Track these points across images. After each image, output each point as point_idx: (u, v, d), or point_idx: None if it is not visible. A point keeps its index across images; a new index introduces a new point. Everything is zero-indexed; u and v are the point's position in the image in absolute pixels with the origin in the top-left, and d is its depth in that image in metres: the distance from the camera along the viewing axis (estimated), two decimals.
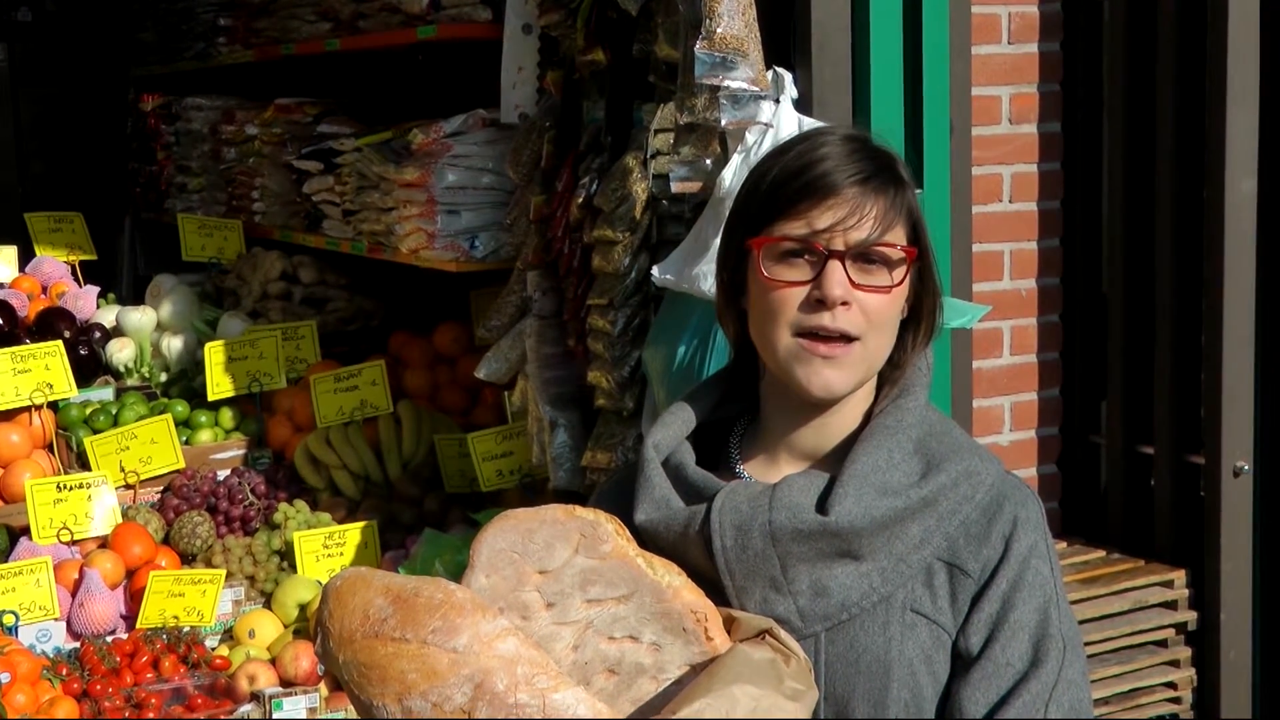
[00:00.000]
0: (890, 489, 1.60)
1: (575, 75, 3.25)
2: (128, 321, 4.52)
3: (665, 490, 1.66)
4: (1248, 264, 3.37)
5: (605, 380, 3.08)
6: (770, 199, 1.64)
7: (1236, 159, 3.32)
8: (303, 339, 4.34)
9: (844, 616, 1.58)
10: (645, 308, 3.05)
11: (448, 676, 1.43)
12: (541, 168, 3.34)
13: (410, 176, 3.85)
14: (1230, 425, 3.38)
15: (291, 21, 4.82)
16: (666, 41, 2.85)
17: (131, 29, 6.65)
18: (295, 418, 4.19)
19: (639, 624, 1.52)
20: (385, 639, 1.47)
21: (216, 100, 5.59)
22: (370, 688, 1.47)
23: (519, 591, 1.54)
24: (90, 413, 4.13)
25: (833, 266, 1.59)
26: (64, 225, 5.12)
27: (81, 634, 3.59)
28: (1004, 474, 1.66)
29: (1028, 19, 3.54)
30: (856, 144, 1.66)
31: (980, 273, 3.47)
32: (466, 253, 3.78)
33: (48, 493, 3.79)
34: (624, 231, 2.99)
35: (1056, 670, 1.58)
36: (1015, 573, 1.60)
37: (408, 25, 4.02)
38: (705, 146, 2.80)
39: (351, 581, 1.52)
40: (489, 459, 3.83)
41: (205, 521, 3.84)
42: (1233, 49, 3.29)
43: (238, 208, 5.20)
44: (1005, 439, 3.61)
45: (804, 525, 1.58)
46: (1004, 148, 3.54)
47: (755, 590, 1.59)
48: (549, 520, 1.55)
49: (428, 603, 1.47)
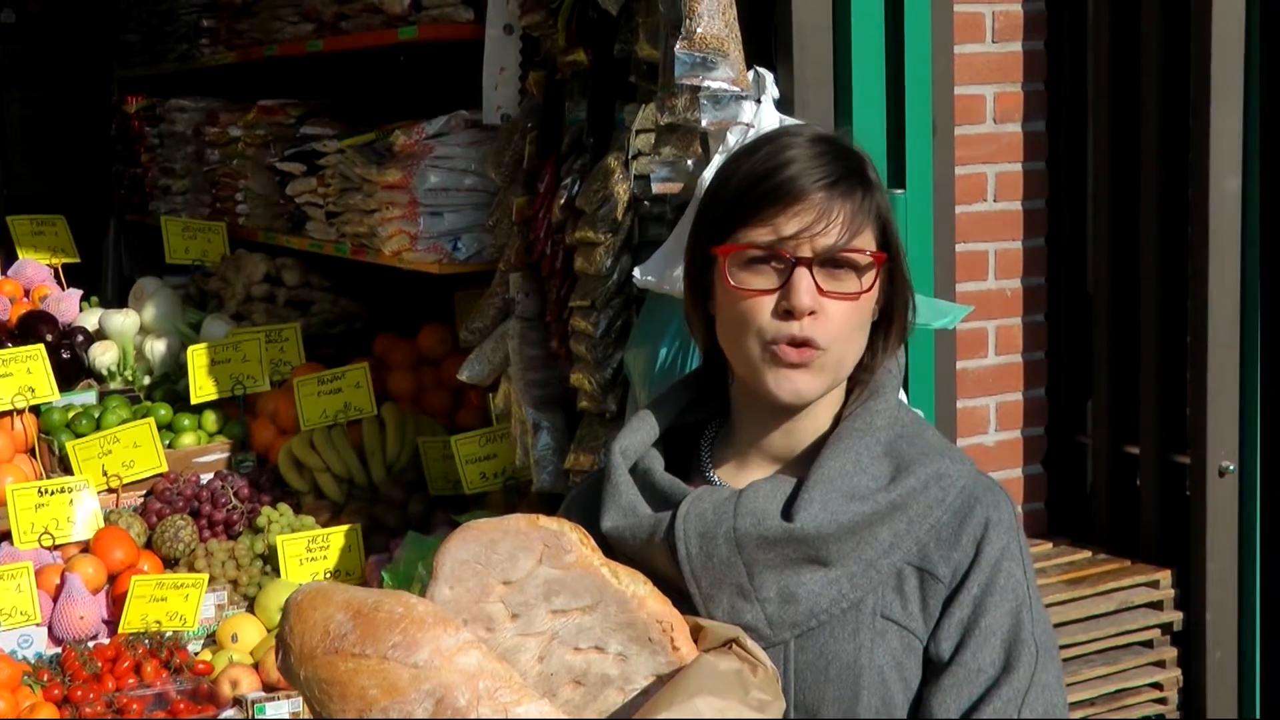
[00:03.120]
0: (858, 493, 1.57)
1: (557, 76, 3.23)
2: (110, 325, 4.50)
3: (632, 497, 1.64)
4: (1233, 263, 3.36)
5: (588, 382, 3.06)
6: (736, 204, 1.61)
7: (1221, 157, 3.31)
8: (286, 341, 4.31)
9: (813, 624, 1.56)
10: (627, 309, 3.03)
11: (408, 692, 1.41)
12: (523, 169, 3.33)
13: (392, 178, 3.83)
14: (1215, 425, 3.37)
15: (274, 23, 4.80)
16: (647, 41, 2.83)
17: (115, 30, 6.63)
18: (279, 421, 4.17)
19: (604, 634, 1.50)
20: (345, 654, 1.44)
21: (200, 102, 5.57)
22: (331, 704, 1.45)
23: (483, 603, 1.52)
24: (73, 416, 4.10)
25: (800, 274, 1.56)
26: (46, 228, 5.09)
27: (63, 639, 3.57)
28: (976, 475, 1.63)
29: (1012, 18, 3.53)
30: (823, 146, 1.62)
31: (965, 272, 3.46)
32: (449, 255, 3.76)
33: (29, 497, 3.78)
34: (606, 233, 2.97)
35: (1029, 675, 1.55)
36: (987, 576, 1.57)
37: (389, 26, 4.00)
38: (686, 147, 2.78)
39: (312, 596, 1.50)
40: (472, 461, 3.81)
41: (188, 525, 3.81)
42: (1217, 47, 3.28)
43: (222, 210, 5.18)
44: (990, 439, 3.59)
45: (769, 532, 1.55)
46: (988, 147, 3.53)
47: (722, 598, 1.57)
48: (512, 531, 1.53)
49: (388, 617, 1.44)
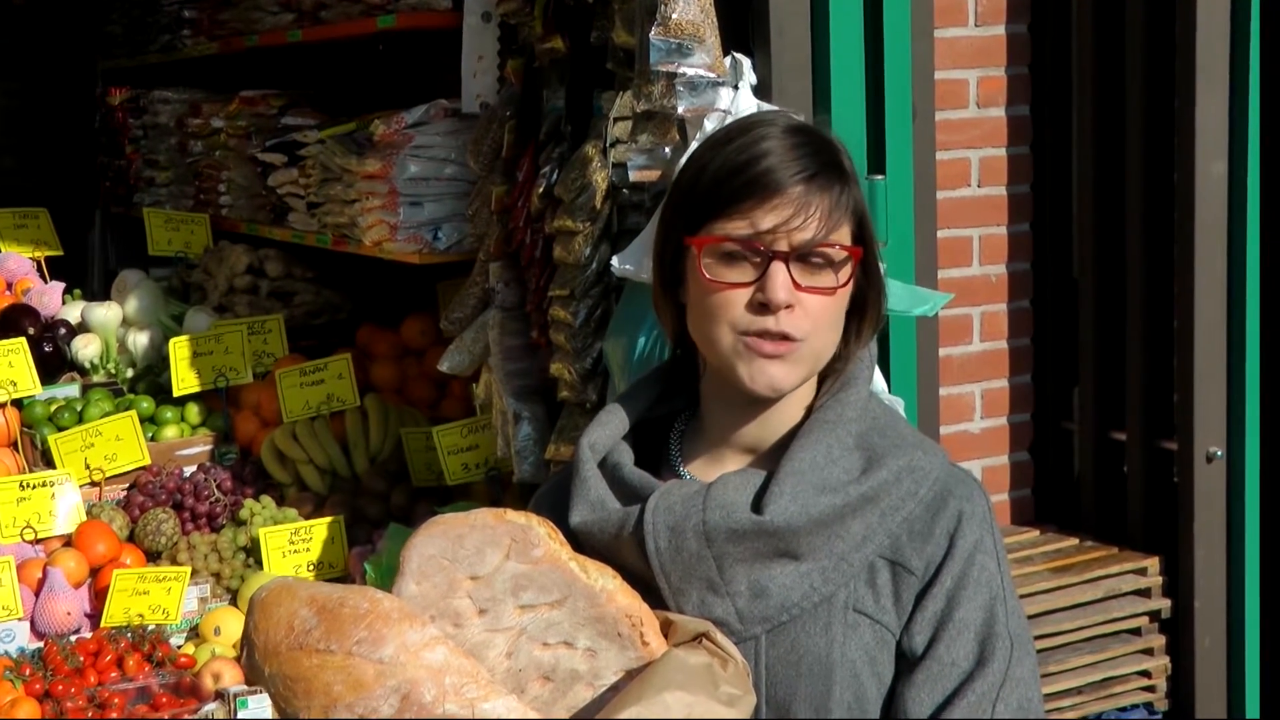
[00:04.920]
0: (829, 485, 1.55)
1: (535, 64, 3.20)
2: (93, 317, 4.47)
3: (600, 491, 1.62)
4: (1219, 247, 3.34)
5: (568, 372, 3.04)
6: (711, 195, 1.58)
7: (1206, 142, 3.29)
8: (269, 333, 4.30)
9: (784, 618, 1.54)
10: (607, 299, 3.01)
11: (374, 688, 1.40)
12: (502, 157, 3.30)
13: (372, 168, 3.81)
14: (1202, 410, 3.35)
15: (254, 13, 4.78)
16: (623, 28, 2.80)
17: (99, 21, 6.59)
18: (262, 413, 4.15)
19: (573, 629, 1.48)
20: (310, 650, 1.43)
21: (183, 93, 5.54)
22: (296, 700, 1.43)
23: (450, 598, 1.50)
24: (55, 410, 4.08)
25: (776, 269, 1.54)
26: (29, 221, 5.07)
27: (45, 634, 3.55)
28: (949, 467, 1.62)
29: (995, 1, 3.50)
30: (800, 137, 1.59)
31: (949, 258, 3.43)
32: (429, 244, 3.75)
33: (10, 491, 3.76)
34: (584, 221, 2.95)
35: (1004, 669, 1.54)
36: (960, 570, 1.55)
37: (368, 15, 3.99)
38: (663, 134, 2.75)
39: (276, 592, 1.48)
40: (454, 452, 3.79)
41: (170, 518, 3.80)
42: (1202, 30, 3.25)
43: (205, 201, 5.16)
44: (976, 426, 3.57)
45: (738, 525, 1.53)
46: (972, 131, 3.50)
47: (692, 592, 1.55)
48: (479, 525, 1.51)
49: (353, 613, 1.43)
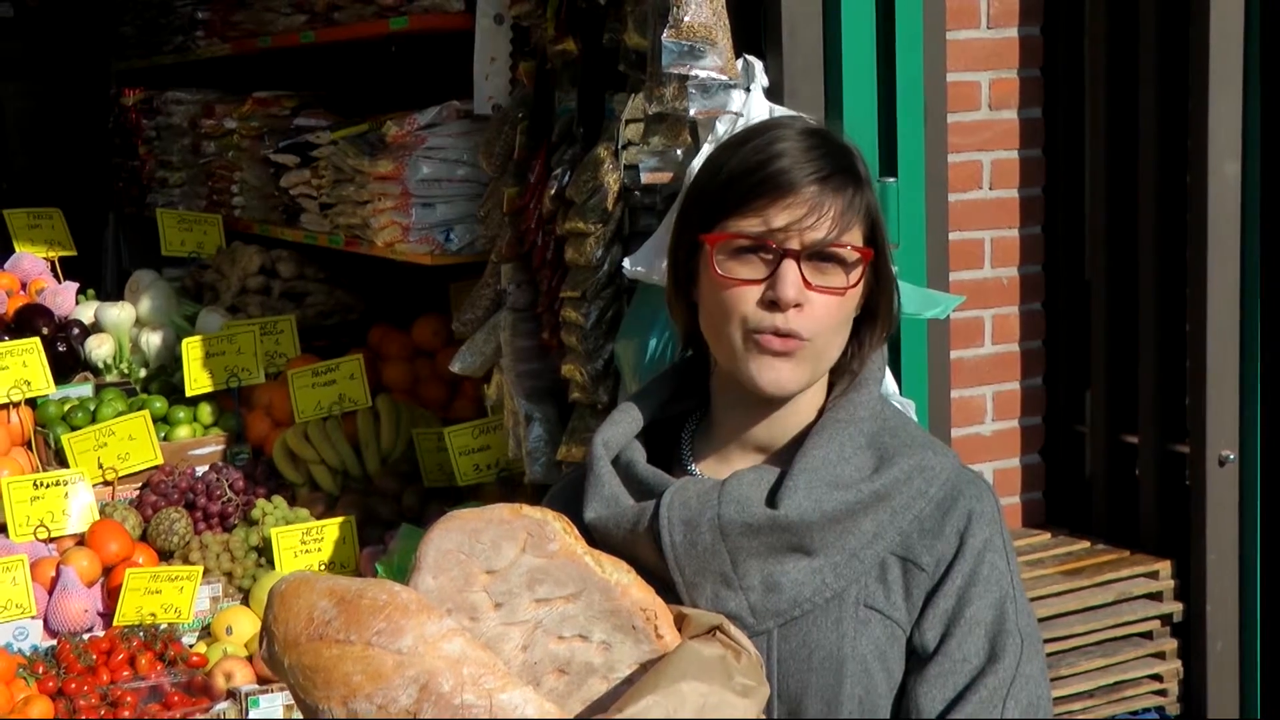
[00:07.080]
0: (842, 482, 1.57)
1: (547, 65, 3.21)
2: (106, 317, 4.49)
3: (614, 488, 1.63)
4: (1232, 249, 3.33)
5: (579, 373, 3.04)
6: (725, 193, 1.60)
7: (1220, 143, 3.28)
8: (281, 333, 4.31)
9: (796, 612, 1.56)
10: (618, 300, 3.01)
11: (393, 678, 1.41)
12: (514, 159, 3.31)
13: (384, 169, 3.83)
14: (1215, 414, 3.34)
15: (267, 14, 4.80)
16: (635, 30, 2.81)
17: (112, 23, 6.62)
18: (274, 413, 4.16)
19: (588, 623, 1.49)
20: (330, 641, 1.44)
21: (196, 94, 5.57)
22: (315, 691, 1.44)
23: (466, 592, 1.51)
24: (68, 409, 4.10)
25: (788, 266, 1.56)
26: (43, 221, 5.09)
27: (58, 632, 3.57)
28: (959, 468, 1.64)
29: (1007, 4, 3.50)
30: (815, 139, 1.61)
31: (961, 261, 3.43)
32: (441, 245, 3.76)
33: (24, 490, 3.78)
34: (596, 223, 2.96)
35: (1014, 666, 1.55)
36: (970, 568, 1.57)
37: (380, 16, 4.01)
38: (675, 136, 2.76)
39: (295, 585, 1.50)
40: (466, 453, 3.81)
41: (182, 518, 3.81)
42: (1215, 31, 3.25)
43: (218, 202, 5.18)
44: (988, 429, 3.57)
45: (753, 519, 1.55)
46: (984, 134, 3.50)
47: (706, 586, 1.56)
48: (495, 520, 1.52)
49: (372, 604, 1.44)
